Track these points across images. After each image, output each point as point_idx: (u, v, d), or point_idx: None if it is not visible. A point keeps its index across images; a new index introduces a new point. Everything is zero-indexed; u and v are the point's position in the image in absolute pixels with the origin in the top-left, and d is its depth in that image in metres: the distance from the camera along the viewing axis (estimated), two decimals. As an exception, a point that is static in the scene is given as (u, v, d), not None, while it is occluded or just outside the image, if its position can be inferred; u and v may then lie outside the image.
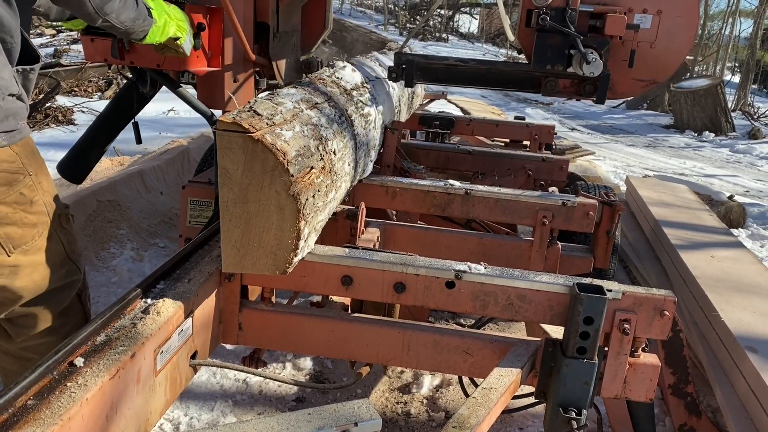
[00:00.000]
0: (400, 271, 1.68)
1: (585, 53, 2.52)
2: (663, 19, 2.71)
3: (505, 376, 1.55)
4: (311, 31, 3.24)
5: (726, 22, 20.29)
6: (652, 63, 2.77)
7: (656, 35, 2.73)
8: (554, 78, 2.77)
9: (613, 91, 2.80)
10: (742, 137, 11.84)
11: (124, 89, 2.72)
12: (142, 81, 2.55)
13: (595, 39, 2.62)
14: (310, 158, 1.55)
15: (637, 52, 2.71)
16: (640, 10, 2.69)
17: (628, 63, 2.71)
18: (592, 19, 2.67)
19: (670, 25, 2.71)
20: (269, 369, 2.79)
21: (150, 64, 2.34)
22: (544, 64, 2.68)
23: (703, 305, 3.03)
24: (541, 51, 2.67)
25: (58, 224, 1.67)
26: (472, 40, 30.44)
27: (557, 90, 2.81)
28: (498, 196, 2.52)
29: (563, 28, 2.58)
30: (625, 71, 2.74)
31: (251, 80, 2.77)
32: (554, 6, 2.59)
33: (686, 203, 4.77)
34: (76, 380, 1.19)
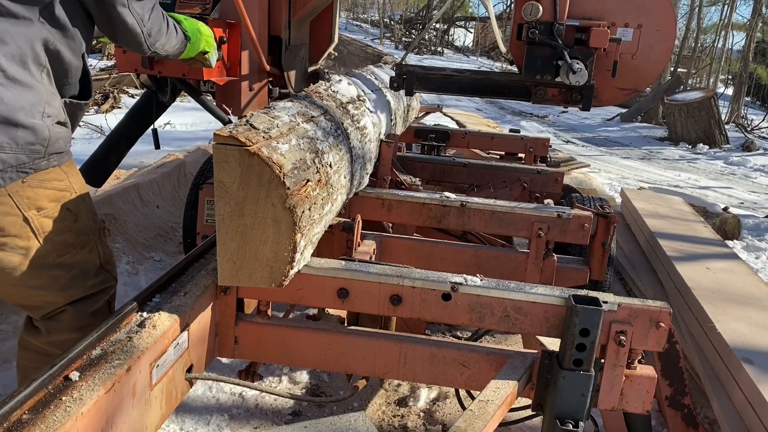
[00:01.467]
0: (396, 284, 1.68)
1: (571, 64, 2.75)
2: (643, 33, 2.94)
3: (502, 388, 1.55)
4: (319, 44, 3.49)
5: (719, 35, 20.47)
6: (633, 73, 3.00)
7: (637, 47, 2.96)
8: (543, 87, 2.98)
9: (598, 99, 3.01)
10: (736, 149, 11.91)
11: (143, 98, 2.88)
12: (161, 90, 2.74)
13: (580, 51, 2.83)
14: (306, 171, 1.55)
15: (619, 62, 2.92)
16: (622, 24, 2.94)
17: (611, 73, 2.91)
18: (578, 32, 2.87)
19: (650, 38, 2.94)
20: (265, 382, 2.78)
21: (176, 74, 2.55)
22: (534, 74, 2.89)
23: (699, 317, 3.04)
24: (531, 62, 2.88)
25: (97, 237, 1.81)
26: (467, 53, 30.63)
27: (546, 98, 3.01)
28: (494, 209, 2.53)
29: (551, 41, 2.82)
30: (608, 80, 2.96)
31: (265, 89, 3.01)
32: (543, 20, 2.82)
33: (681, 215, 4.79)
34: (72, 394, 1.19)
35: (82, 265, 1.76)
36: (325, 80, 2.40)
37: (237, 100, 2.88)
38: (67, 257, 1.70)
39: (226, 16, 2.60)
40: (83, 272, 1.76)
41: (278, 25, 2.99)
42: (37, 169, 1.57)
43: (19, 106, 1.47)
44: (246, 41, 2.69)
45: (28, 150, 1.52)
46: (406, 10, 34.97)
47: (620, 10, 2.94)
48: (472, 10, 30.42)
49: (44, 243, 1.63)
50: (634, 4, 2.95)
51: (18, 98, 1.48)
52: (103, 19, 1.70)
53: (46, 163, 1.59)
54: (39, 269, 1.65)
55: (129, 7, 1.68)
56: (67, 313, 1.75)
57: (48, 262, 1.66)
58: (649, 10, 2.94)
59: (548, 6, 2.84)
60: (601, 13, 2.93)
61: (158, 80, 2.75)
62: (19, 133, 1.48)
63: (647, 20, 2.94)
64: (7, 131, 1.46)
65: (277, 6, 2.96)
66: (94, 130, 6.39)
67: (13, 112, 1.46)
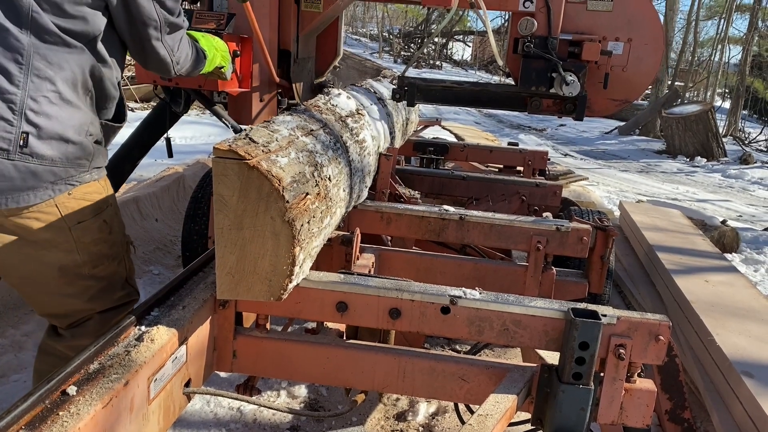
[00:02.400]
0: (395, 297, 1.68)
1: (565, 76, 2.92)
2: (633, 47, 3.12)
3: (501, 402, 1.54)
4: (324, 57, 3.68)
5: (715, 49, 20.60)
6: (624, 84, 3.18)
7: (627, 60, 3.14)
8: (539, 98, 3.15)
9: (591, 109, 3.18)
10: (733, 162, 11.95)
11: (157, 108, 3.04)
12: (175, 101, 2.89)
13: (573, 64, 3.01)
14: (305, 184, 1.56)
15: (610, 75, 3.11)
16: (612, 38, 3.11)
17: (603, 84, 3.10)
18: (571, 46, 3.06)
19: (639, 52, 3.12)
20: (264, 397, 2.76)
21: (192, 85, 2.69)
22: (529, 85, 3.06)
23: (698, 330, 3.03)
24: (527, 74, 3.05)
25: (125, 251, 1.92)
26: (466, 67, 30.80)
27: (541, 109, 3.18)
28: (492, 222, 2.53)
29: (546, 54, 3.00)
30: (600, 92, 3.13)
31: (275, 100, 3.17)
32: (538, 35, 3.00)
33: (680, 228, 4.79)
34: (69, 409, 1.18)
35: (112, 277, 1.86)
36: (325, 93, 2.43)
37: (248, 110, 3.02)
38: (100, 269, 1.80)
39: (239, 30, 2.76)
40: (111, 284, 1.86)
41: (287, 40, 3.15)
42: (81, 182, 1.70)
43: (70, 124, 1.62)
44: (257, 54, 2.85)
45: (76, 164, 1.66)
46: (405, 24, 35.22)
47: (611, 25, 3.10)
48: (471, 24, 30.62)
49: (81, 253, 1.73)
50: (624, 19, 3.10)
51: (70, 117, 1.62)
52: (137, 50, 1.84)
53: (89, 177, 1.73)
54: (74, 279, 1.75)
55: (162, 41, 1.82)
56: (93, 320, 1.83)
57: (83, 273, 1.75)
58: (639, 25, 3.10)
59: (543, 21, 3.01)
60: (593, 27, 3.10)
61: (172, 91, 2.88)
62: (69, 148, 1.63)
63: (637, 35, 3.10)
64: (59, 147, 1.60)
65: (286, 21, 3.11)
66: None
67: (66, 130, 1.61)
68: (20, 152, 1.53)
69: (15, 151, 1.52)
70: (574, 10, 3.09)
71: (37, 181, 1.58)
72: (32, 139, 1.54)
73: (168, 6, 1.79)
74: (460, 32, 30.57)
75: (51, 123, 1.57)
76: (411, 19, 34.19)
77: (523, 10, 3.06)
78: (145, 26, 1.76)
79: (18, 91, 1.52)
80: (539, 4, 3.04)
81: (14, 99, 1.51)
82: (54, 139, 1.59)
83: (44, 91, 1.56)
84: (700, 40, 22.77)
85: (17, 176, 1.54)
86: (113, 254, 1.85)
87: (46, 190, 1.61)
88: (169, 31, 1.84)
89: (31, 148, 1.54)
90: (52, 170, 1.60)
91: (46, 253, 1.68)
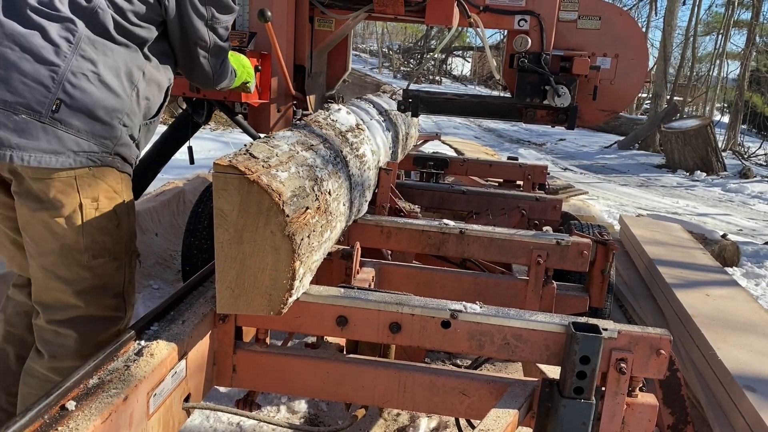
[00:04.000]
0: (395, 311, 1.67)
1: (557, 89, 3.23)
2: (620, 61, 3.43)
3: (503, 417, 1.54)
4: (335, 72, 3.97)
5: (714, 64, 20.72)
6: (612, 96, 3.47)
7: (615, 74, 3.44)
8: (533, 109, 3.45)
9: (581, 119, 3.47)
10: (733, 176, 11.97)
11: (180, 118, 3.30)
12: (197, 112, 3.14)
13: (565, 77, 3.30)
14: (305, 199, 1.56)
15: (599, 87, 3.41)
16: (601, 53, 3.42)
17: (592, 96, 3.39)
18: (562, 61, 3.34)
19: (626, 66, 3.43)
20: (263, 412, 2.75)
21: (218, 97, 2.96)
22: (524, 97, 3.35)
23: (700, 344, 3.02)
24: (522, 87, 3.34)
25: (128, 259, 1.93)
26: (465, 82, 30.94)
27: (536, 119, 3.47)
28: (492, 236, 2.53)
29: (539, 69, 3.28)
30: (590, 103, 3.43)
31: (290, 110, 3.44)
32: (532, 51, 3.30)
33: (680, 242, 4.79)
34: (68, 424, 1.17)
35: (107, 278, 1.87)
36: (325, 108, 2.46)
37: (267, 119, 3.28)
38: (98, 263, 1.82)
39: (259, 47, 3.04)
40: (104, 287, 1.86)
41: (302, 56, 3.43)
42: (103, 162, 1.77)
43: (102, 105, 1.72)
44: (276, 69, 3.11)
45: (100, 142, 1.74)
46: (404, 40, 35.41)
47: (599, 42, 3.41)
48: (470, 39, 30.77)
49: (85, 237, 1.77)
50: (611, 36, 3.41)
51: (103, 99, 1.72)
52: (185, 63, 2.03)
53: (111, 160, 1.79)
54: (71, 263, 1.78)
55: (209, 60, 2.04)
56: (72, 338, 1.83)
57: (82, 260, 1.79)
58: (625, 42, 3.40)
59: (536, 38, 3.31)
60: (583, 44, 3.40)
61: (194, 103, 3.14)
62: (96, 126, 1.72)
63: (623, 51, 3.41)
64: (87, 121, 1.70)
65: (301, 39, 3.40)
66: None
67: (96, 108, 1.71)
68: (51, 116, 1.64)
69: (47, 115, 1.64)
70: (565, 29, 3.40)
71: (60, 146, 1.66)
72: (63, 107, 1.65)
73: (219, 33, 2.01)
74: (459, 48, 30.74)
75: (84, 97, 1.68)
76: (410, 35, 34.41)
77: (518, 28, 3.35)
78: (196, 45, 1.96)
79: (62, 64, 1.65)
80: (533, 23, 3.33)
81: (57, 70, 1.65)
82: (83, 112, 1.69)
83: (85, 70, 1.69)
84: (699, 56, 22.88)
85: (44, 138, 1.64)
86: (115, 253, 1.87)
87: (68, 158, 1.68)
88: (216, 52, 2.05)
89: (61, 115, 1.65)
90: (76, 140, 1.69)
91: (55, 223, 1.73)
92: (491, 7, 3.36)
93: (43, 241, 1.76)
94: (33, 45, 1.64)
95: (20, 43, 1.64)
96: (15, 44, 1.63)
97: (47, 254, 1.77)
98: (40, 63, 1.63)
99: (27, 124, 1.62)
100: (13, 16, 1.66)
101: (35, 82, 1.63)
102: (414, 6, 3.27)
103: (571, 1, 3.42)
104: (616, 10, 3.66)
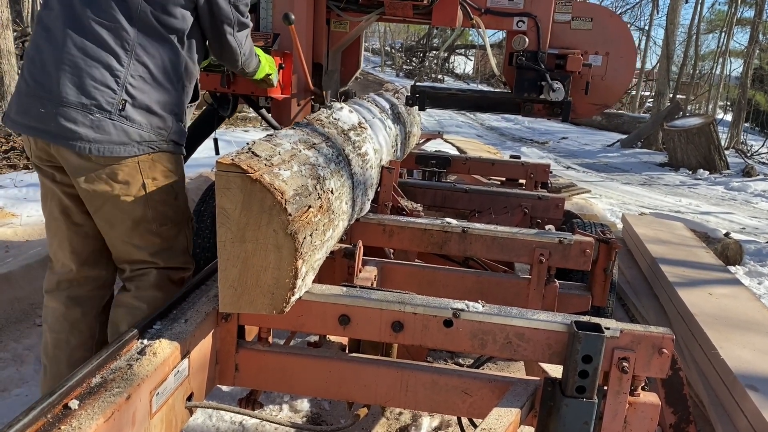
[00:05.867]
0: (397, 310, 1.67)
1: (552, 84, 3.52)
2: (610, 59, 3.74)
3: (505, 416, 1.53)
4: (348, 69, 4.27)
5: (716, 62, 20.68)
6: (603, 91, 3.78)
7: (605, 71, 3.75)
8: (530, 103, 3.76)
9: (575, 112, 3.76)
10: (736, 175, 11.94)
11: (206, 112, 3.51)
12: (222, 107, 3.40)
13: (559, 74, 3.60)
14: (307, 197, 1.56)
15: (591, 83, 3.70)
16: (593, 52, 3.74)
17: (585, 91, 3.68)
18: (557, 59, 3.64)
19: (616, 63, 3.74)
20: (266, 411, 2.75)
21: (245, 91, 3.20)
22: (522, 92, 3.66)
23: (702, 343, 3.02)
24: (520, 83, 3.65)
25: (187, 224, 2.24)
26: (467, 80, 30.89)
27: (533, 112, 3.80)
28: (495, 234, 2.53)
29: (536, 66, 3.59)
30: (583, 97, 3.72)
31: (309, 105, 3.73)
32: (529, 50, 3.62)
33: (683, 241, 4.78)
34: (71, 423, 1.18)
35: (174, 241, 2.18)
36: (327, 107, 2.46)
37: (288, 112, 3.55)
38: (164, 229, 2.13)
39: (282, 47, 3.31)
40: (173, 248, 2.18)
41: (320, 54, 3.72)
42: (160, 149, 2.07)
43: (156, 100, 2.04)
44: (296, 67, 3.36)
45: (157, 132, 2.05)
46: (407, 38, 35.39)
47: (591, 41, 3.72)
48: (472, 38, 30.71)
49: (151, 209, 2.08)
50: (602, 36, 3.72)
51: (157, 95, 2.04)
52: (215, 42, 2.29)
53: (166, 146, 2.10)
54: (143, 233, 2.09)
55: (234, 36, 2.27)
56: (152, 274, 2.16)
57: (151, 229, 2.10)
58: (615, 41, 3.73)
59: (533, 38, 3.62)
60: (576, 43, 3.72)
61: (219, 98, 3.39)
62: (154, 119, 2.04)
63: (613, 49, 3.73)
64: (146, 116, 2.02)
65: (319, 40, 3.69)
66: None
67: (152, 104, 2.03)
68: (118, 115, 1.95)
69: (115, 113, 1.95)
70: (559, 29, 3.71)
71: (127, 138, 1.97)
72: (128, 106, 1.97)
73: (240, 9, 2.25)
74: (461, 46, 30.70)
75: (142, 96, 2.00)
76: (412, 33, 34.37)
77: (517, 29, 3.67)
78: (223, 24, 2.21)
79: (123, 69, 1.96)
80: (530, 24, 3.65)
81: (120, 75, 1.96)
82: (143, 108, 2.00)
83: (141, 72, 2.00)
84: (701, 54, 22.87)
85: (114, 133, 1.95)
86: (176, 220, 2.16)
87: (133, 147, 1.99)
88: (239, 29, 2.28)
89: (126, 113, 1.96)
90: (139, 132, 2.00)
91: (125, 202, 2.03)
92: (492, 9, 3.67)
93: (117, 219, 2.07)
94: (99, 55, 1.94)
95: (88, 53, 1.94)
96: (85, 55, 1.93)
97: (122, 228, 2.08)
98: (106, 70, 1.93)
99: (100, 121, 1.93)
100: (78, 29, 1.95)
101: (104, 87, 1.93)
102: (422, 9, 3.52)
103: (565, 4, 3.74)
104: (607, 12, 4.00)
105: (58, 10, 1.99)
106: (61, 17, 1.97)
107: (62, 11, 1.98)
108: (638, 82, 23.21)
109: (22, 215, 4.68)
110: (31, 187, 5.26)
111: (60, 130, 1.92)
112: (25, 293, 3.47)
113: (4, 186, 5.30)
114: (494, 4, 3.66)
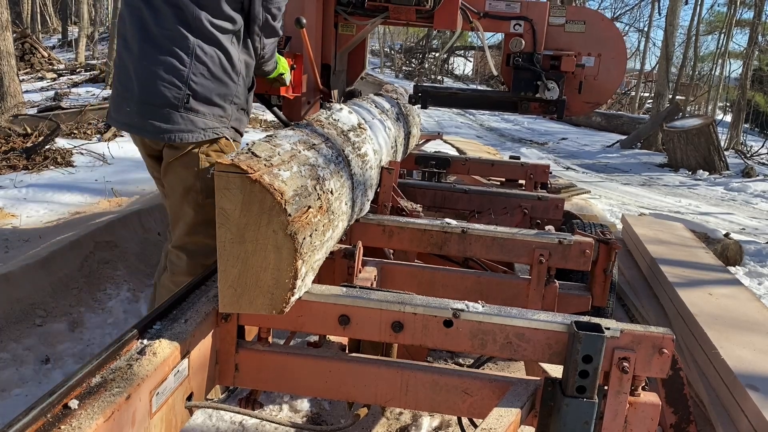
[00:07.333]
0: (397, 310, 1.67)
1: (547, 83, 3.78)
2: (602, 60, 3.97)
3: (505, 416, 1.53)
4: (354, 70, 4.47)
5: (716, 63, 20.68)
6: (595, 90, 4.03)
7: (598, 71, 3.98)
8: (527, 101, 3.99)
9: (569, 110, 4.00)
10: (735, 175, 11.93)
11: None
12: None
13: (554, 74, 3.84)
14: (307, 198, 1.56)
15: (584, 82, 3.96)
16: (585, 53, 3.97)
17: (578, 90, 3.94)
18: (552, 60, 3.89)
19: (607, 64, 3.98)
20: (266, 411, 2.75)
21: (260, 90, 3.26)
22: (519, 91, 3.90)
23: (702, 343, 3.02)
24: (517, 82, 3.88)
25: None
26: (467, 81, 30.89)
27: (529, 110, 4.04)
28: (495, 235, 2.53)
29: (532, 67, 3.83)
30: (576, 96, 3.98)
31: (318, 103, 3.91)
32: (525, 51, 3.84)
33: (682, 241, 4.78)
34: (70, 423, 1.18)
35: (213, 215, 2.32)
36: (327, 108, 2.47)
37: (298, 110, 3.71)
38: (209, 201, 2.36)
39: (293, 49, 3.47)
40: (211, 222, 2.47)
41: (328, 56, 3.92)
42: (221, 135, 2.44)
43: (215, 92, 2.39)
44: (307, 68, 3.55)
45: (218, 119, 2.42)
46: (406, 39, 35.38)
47: (584, 43, 3.95)
48: (471, 39, 30.72)
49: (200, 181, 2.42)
50: (594, 38, 3.95)
51: (216, 88, 2.39)
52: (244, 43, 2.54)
53: (228, 133, 2.46)
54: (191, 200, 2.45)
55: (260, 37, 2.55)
56: (184, 260, 2.52)
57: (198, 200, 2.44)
58: (606, 43, 3.95)
59: (529, 40, 3.84)
60: (570, 45, 3.94)
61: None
62: (215, 110, 2.41)
63: (605, 51, 3.95)
64: (207, 106, 2.38)
65: (327, 42, 3.89)
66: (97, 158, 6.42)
67: (212, 96, 2.39)
68: (184, 107, 2.33)
69: (182, 106, 2.32)
70: (554, 32, 3.94)
71: (193, 126, 2.36)
72: (192, 99, 2.33)
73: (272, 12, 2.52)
74: (461, 47, 30.70)
75: (203, 90, 2.35)
76: (412, 35, 34.38)
77: (513, 31, 3.89)
78: (253, 23, 2.47)
79: (186, 70, 2.32)
80: (526, 27, 3.87)
81: (183, 74, 2.32)
82: (204, 101, 2.36)
83: (201, 70, 2.34)
84: (701, 55, 22.87)
85: (182, 122, 2.33)
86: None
87: (198, 134, 2.37)
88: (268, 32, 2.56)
89: (191, 105, 2.33)
90: (203, 121, 2.37)
91: (182, 172, 2.42)
92: (490, 13, 3.89)
93: (174, 186, 2.47)
94: (166, 61, 2.31)
95: (158, 59, 2.31)
96: (156, 62, 2.31)
97: (176, 195, 2.47)
98: (171, 72, 2.30)
99: (171, 114, 2.32)
100: (147, 39, 2.34)
101: (171, 86, 2.30)
102: (424, 13, 3.66)
103: (560, 8, 4.01)
104: (598, 15, 4.21)
105: (129, 22, 2.38)
106: (133, 29, 2.37)
107: (133, 23, 2.37)
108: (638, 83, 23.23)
109: (21, 216, 4.68)
110: (30, 188, 5.27)
111: (141, 123, 2.34)
112: (25, 293, 3.47)
113: (4, 186, 5.29)
114: (492, 8, 3.89)
